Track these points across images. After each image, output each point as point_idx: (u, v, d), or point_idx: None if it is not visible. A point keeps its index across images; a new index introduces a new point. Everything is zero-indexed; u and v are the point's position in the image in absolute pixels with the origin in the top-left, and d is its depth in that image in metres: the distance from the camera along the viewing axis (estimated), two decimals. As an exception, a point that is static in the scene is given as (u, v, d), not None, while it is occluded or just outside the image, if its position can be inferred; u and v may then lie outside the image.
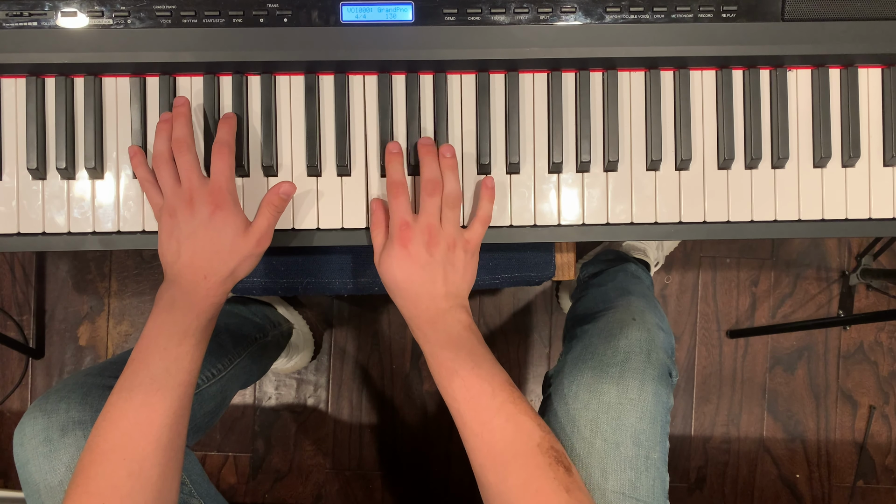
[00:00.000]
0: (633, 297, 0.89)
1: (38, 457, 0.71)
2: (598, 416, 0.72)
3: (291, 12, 0.70)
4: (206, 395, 0.89)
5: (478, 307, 1.50)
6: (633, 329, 0.78)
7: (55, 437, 0.71)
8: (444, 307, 0.69)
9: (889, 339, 1.52)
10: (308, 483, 1.50)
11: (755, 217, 0.75)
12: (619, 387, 0.73)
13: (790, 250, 1.52)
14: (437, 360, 0.68)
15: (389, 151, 0.72)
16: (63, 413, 0.72)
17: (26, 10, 0.69)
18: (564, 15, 0.71)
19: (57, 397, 0.74)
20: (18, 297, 1.49)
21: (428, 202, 0.70)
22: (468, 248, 0.71)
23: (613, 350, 0.76)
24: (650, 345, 0.76)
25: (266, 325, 1.21)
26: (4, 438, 1.50)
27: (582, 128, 0.74)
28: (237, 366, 1.00)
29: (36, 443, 0.72)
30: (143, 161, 0.71)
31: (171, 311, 0.67)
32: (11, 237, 0.73)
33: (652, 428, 0.72)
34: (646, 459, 0.72)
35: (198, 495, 0.79)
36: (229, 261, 0.68)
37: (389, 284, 0.70)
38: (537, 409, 0.75)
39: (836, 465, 1.52)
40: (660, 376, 0.74)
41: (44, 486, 0.71)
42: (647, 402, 0.72)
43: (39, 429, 0.72)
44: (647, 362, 0.74)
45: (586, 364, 0.76)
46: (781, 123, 0.74)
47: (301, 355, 1.42)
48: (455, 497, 1.49)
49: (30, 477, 0.72)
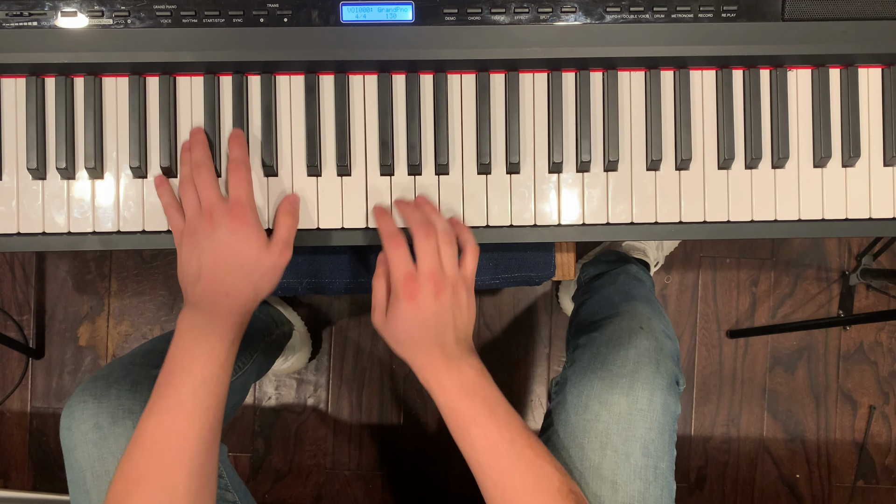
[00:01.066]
0: (638, 303, 0.89)
1: (86, 443, 0.71)
2: (609, 427, 0.73)
3: (291, 12, 0.70)
4: (234, 388, 0.90)
5: (478, 307, 1.49)
6: (641, 338, 0.78)
7: (105, 423, 0.71)
8: (456, 353, 0.68)
9: (889, 339, 1.52)
10: (308, 483, 1.50)
11: (755, 217, 0.75)
12: (629, 398, 0.73)
13: (790, 250, 1.52)
14: (453, 409, 0.67)
15: (376, 210, 0.72)
16: (114, 399, 0.72)
17: (26, 10, 0.69)
18: (564, 15, 0.71)
19: (105, 383, 0.74)
20: (18, 297, 1.49)
21: (424, 245, 0.68)
22: (468, 284, 0.71)
23: (623, 360, 0.76)
24: (659, 354, 0.76)
25: (270, 323, 1.22)
26: (4, 438, 1.50)
27: (582, 128, 0.74)
28: (255, 360, 1.01)
29: (86, 428, 0.71)
30: (169, 189, 0.71)
31: (193, 334, 0.66)
32: (11, 237, 0.73)
33: (660, 438, 0.73)
34: (654, 470, 0.72)
35: (232, 489, 0.80)
36: (252, 275, 0.67)
37: (400, 339, 0.69)
38: (538, 415, 0.75)
39: (836, 465, 1.52)
40: (668, 386, 0.75)
41: (91, 473, 0.71)
42: (657, 412, 0.73)
43: (89, 414, 0.72)
44: (656, 372, 0.74)
45: (595, 374, 0.76)
46: (781, 123, 0.74)
47: (298, 356, 1.42)
48: (455, 497, 1.49)
49: (76, 463, 0.72)
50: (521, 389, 1.49)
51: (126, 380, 0.75)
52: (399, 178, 0.74)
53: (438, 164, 0.74)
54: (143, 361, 0.79)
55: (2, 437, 1.50)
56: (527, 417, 1.49)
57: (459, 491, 1.49)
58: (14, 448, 1.50)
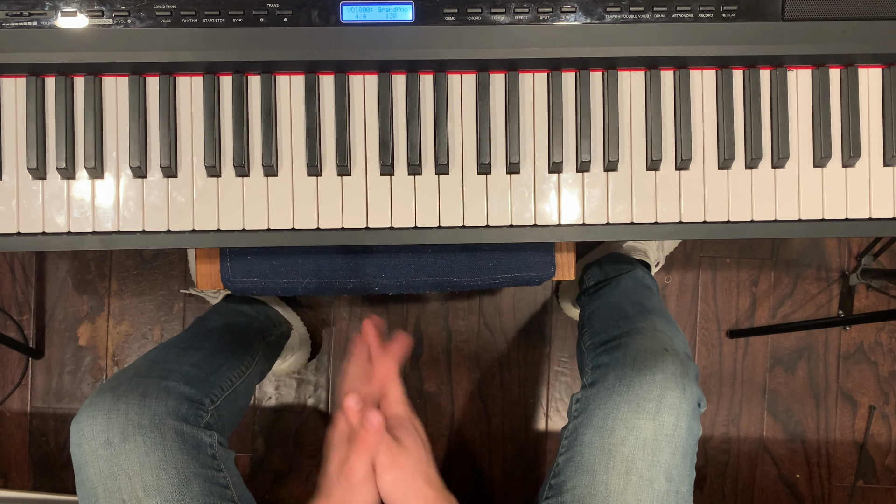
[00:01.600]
0: (655, 318, 0.90)
1: (97, 460, 0.72)
2: (635, 452, 0.73)
3: (291, 12, 0.70)
4: (240, 392, 0.91)
5: (478, 307, 1.50)
6: (667, 361, 0.78)
7: (116, 440, 0.72)
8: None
9: (889, 339, 1.52)
10: (308, 483, 1.50)
11: (755, 217, 0.75)
12: (655, 423, 0.74)
13: (790, 250, 1.52)
14: None
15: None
16: (123, 415, 0.73)
17: (26, 10, 0.69)
18: (564, 15, 0.71)
19: (113, 396, 0.74)
20: (18, 297, 1.49)
21: None
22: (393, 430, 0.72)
23: (649, 384, 0.76)
24: (685, 378, 0.77)
25: (269, 324, 1.22)
26: (4, 438, 1.50)
27: (582, 127, 0.74)
28: (257, 362, 1.02)
29: (96, 444, 0.72)
30: None
31: None
32: (11, 237, 0.73)
33: (683, 463, 0.74)
34: (676, 494, 0.74)
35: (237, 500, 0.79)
36: None
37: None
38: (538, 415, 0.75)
39: (836, 465, 1.52)
40: (693, 411, 0.76)
41: (103, 490, 0.71)
42: (681, 437, 0.74)
43: (99, 430, 0.72)
44: (682, 397, 0.75)
45: (622, 397, 0.77)
46: (781, 123, 0.74)
47: (296, 356, 1.42)
48: (455, 497, 1.49)
49: (88, 480, 0.72)
50: (520, 389, 1.49)
51: (134, 392, 0.75)
52: (399, 178, 0.74)
53: (438, 163, 0.74)
54: (149, 373, 0.79)
55: (2, 437, 1.50)
56: (527, 418, 1.49)
57: (460, 491, 1.49)
58: (14, 448, 1.50)
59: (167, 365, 0.74)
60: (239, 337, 1.02)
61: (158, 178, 0.73)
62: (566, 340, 1.50)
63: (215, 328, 1.03)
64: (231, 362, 0.92)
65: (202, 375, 0.84)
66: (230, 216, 0.74)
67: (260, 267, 0.93)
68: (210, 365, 0.88)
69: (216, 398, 0.84)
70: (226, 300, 1.23)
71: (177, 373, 0.81)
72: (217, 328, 1.03)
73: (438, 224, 0.74)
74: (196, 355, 0.88)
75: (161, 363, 0.82)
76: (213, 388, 0.85)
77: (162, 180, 0.73)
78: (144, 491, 0.71)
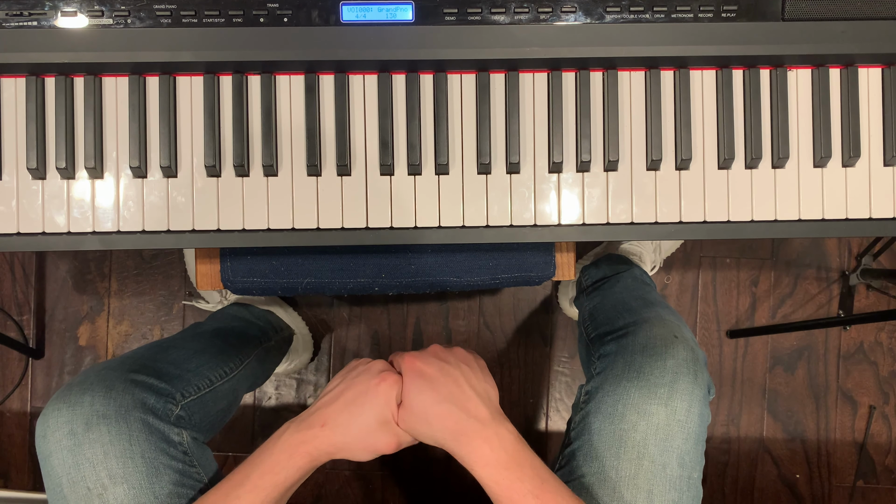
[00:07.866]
0: (661, 309, 0.90)
1: (61, 450, 0.71)
2: (647, 437, 0.73)
3: (291, 12, 0.70)
4: (220, 393, 0.89)
5: (478, 307, 1.50)
6: (678, 348, 0.78)
7: (79, 430, 0.71)
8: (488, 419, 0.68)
9: (889, 339, 1.52)
10: (308, 483, 1.50)
11: (755, 217, 0.75)
12: (667, 408, 0.74)
13: (790, 250, 1.52)
14: (502, 484, 0.65)
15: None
16: (87, 406, 0.72)
17: (26, 10, 0.69)
18: (564, 15, 0.71)
19: (80, 389, 0.74)
20: (18, 297, 1.49)
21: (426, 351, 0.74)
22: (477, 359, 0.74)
23: (661, 370, 0.76)
24: (696, 364, 0.77)
25: (269, 329, 1.21)
26: (4, 438, 1.50)
27: (582, 127, 0.74)
28: (246, 366, 1.00)
29: (60, 435, 0.71)
30: None
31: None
32: (11, 237, 0.73)
33: (695, 448, 0.74)
34: (688, 479, 0.74)
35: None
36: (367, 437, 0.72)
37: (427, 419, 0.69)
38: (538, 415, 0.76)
39: (836, 465, 1.52)
40: (704, 397, 0.76)
41: (67, 479, 0.71)
42: (693, 423, 0.74)
43: (63, 421, 0.72)
44: (694, 382, 0.75)
45: (632, 383, 0.76)
46: (781, 123, 0.74)
47: (300, 358, 1.42)
48: (456, 497, 1.49)
49: (52, 470, 0.72)
50: (520, 389, 1.49)
51: (100, 385, 0.74)
52: (399, 178, 0.74)
53: (438, 163, 0.74)
54: (120, 367, 0.78)
55: (2, 437, 1.50)
56: (527, 418, 1.49)
57: (460, 491, 1.49)
58: (14, 448, 1.50)
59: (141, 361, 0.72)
60: (230, 341, 1.01)
61: (158, 178, 0.73)
62: (566, 340, 1.50)
63: (206, 331, 1.03)
64: (213, 363, 0.90)
65: (177, 373, 0.82)
66: (230, 216, 0.74)
67: (260, 267, 0.93)
68: (188, 364, 0.86)
69: (188, 394, 0.81)
70: (228, 307, 1.23)
71: (149, 368, 0.80)
72: (208, 331, 1.03)
73: (438, 224, 0.74)
74: (176, 354, 0.87)
75: (135, 359, 0.81)
76: (188, 385, 0.82)
77: (162, 180, 0.73)
78: (110, 478, 0.70)
